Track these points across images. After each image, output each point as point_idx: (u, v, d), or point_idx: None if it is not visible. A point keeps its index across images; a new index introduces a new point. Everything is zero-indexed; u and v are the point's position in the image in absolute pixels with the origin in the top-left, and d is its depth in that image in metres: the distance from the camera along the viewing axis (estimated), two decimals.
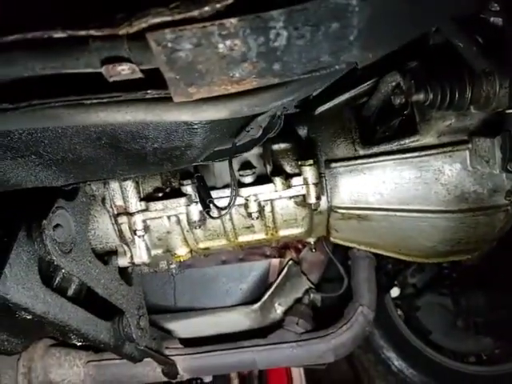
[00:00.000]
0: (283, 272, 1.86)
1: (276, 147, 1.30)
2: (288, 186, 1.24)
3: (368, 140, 1.27)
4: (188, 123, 0.80)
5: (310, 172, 1.22)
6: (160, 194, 1.28)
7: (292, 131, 1.33)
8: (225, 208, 1.17)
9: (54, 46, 0.53)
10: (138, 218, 1.24)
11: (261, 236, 1.37)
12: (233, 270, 1.86)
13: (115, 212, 1.25)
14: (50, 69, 0.54)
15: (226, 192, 1.24)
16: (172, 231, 1.30)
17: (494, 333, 2.12)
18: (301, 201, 1.28)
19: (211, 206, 1.17)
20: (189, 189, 1.23)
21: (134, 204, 1.24)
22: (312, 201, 1.24)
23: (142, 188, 1.28)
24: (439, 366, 2.17)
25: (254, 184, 1.24)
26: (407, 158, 1.20)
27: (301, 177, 1.23)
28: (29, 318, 1.07)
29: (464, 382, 2.15)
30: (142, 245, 1.30)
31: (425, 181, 1.20)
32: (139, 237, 1.28)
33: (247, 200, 1.25)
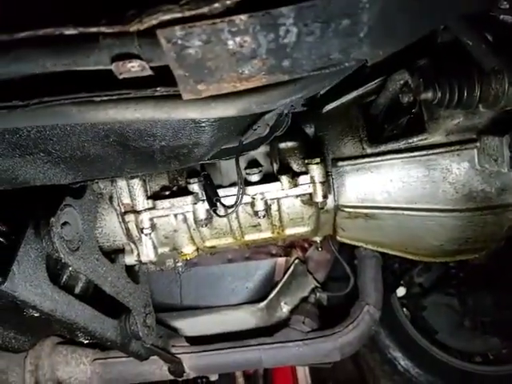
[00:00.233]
0: (289, 271, 1.86)
1: (283, 145, 1.30)
2: (295, 185, 1.23)
3: (375, 138, 1.27)
4: (195, 121, 0.80)
5: (316, 170, 1.22)
6: (167, 193, 1.28)
7: (299, 129, 1.33)
8: (231, 206, 1.17)
9: (64, 43, 0.53)
10: (145, 216, 1.25)
11: (267, 234, 1.37)
12: (239, 268, 1.85)
13: (122, 210, 1.26)
14: (60, 66, 0.55)
15: (233, 190, 1.24)
16: (178, 229, 1.30)
17: (501, 332, 2.10)
18: (307, 199, 1.27)
19: (218, 204, 1.17)
20: (195, 187, 1.24)
21: (141, 202, 1.24)
22: (319, 199, 1.24)
23: (148, 186, 1.28)
24: (445, 366, 2.16)
25: (261, 182, 1.24)
26: (415, 157, 1.19)
27: (308, 175, 1.23)
28: (36, 315, 1.08)
29: (471, 382, 2.13)
30: (149, 243, 1.31)
31: (433, 179, 1.19)
32: (146, 235, 1.28)
33: (254, 198, 1.24)
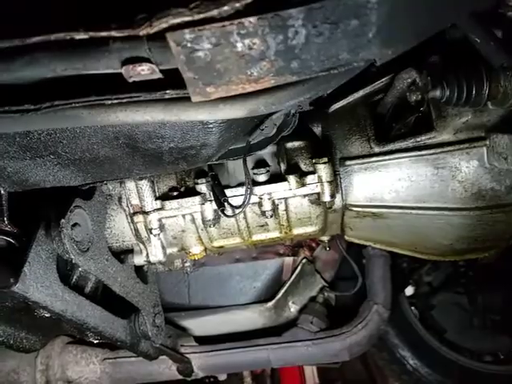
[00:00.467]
0: (297, 270, 1.86)
1: (290, 145, 1.30)
2: (302, 185, 1.23)
3: (383, 137, 1.26)
4: (203, 122, 0.80)
5: (324, 170, 1.22)
6: (175, 193, 1.28)
7: (306, 129, 1.32)
8: (239, 206, 1.17)
9: (75, 48, 0.53)
10: (154, 217, 1.25)
11: (275, 234, 1.37)
12: (246, 268, 1.86)
13: (131, 211, 1.27)
14: (71, 70, 0.55)
15: (240, 190, 1.24)
16: (187, 230, 1.31)
17: None
18: (315, 199, 1.27)
19: (226, 204, 1.18)
20: (203, 188, 1.24)
21: (150, 203, 1.25)
22: (326, 199, 1.23)
23: (157, 187, 1.29)
24: (455, 365, 2.15)
25: (268, 182, 1.24)
26: (423, 155, 1.19)
27: (315, 175, 1.23)
28: (47, 315, 1.09)
29: (481, 382, 2.12)
30: (158, 243, 1.31)
31: (441, 178, 1.18)
32: (155, 235, 1.29)
33: (261, 198, 1.24)
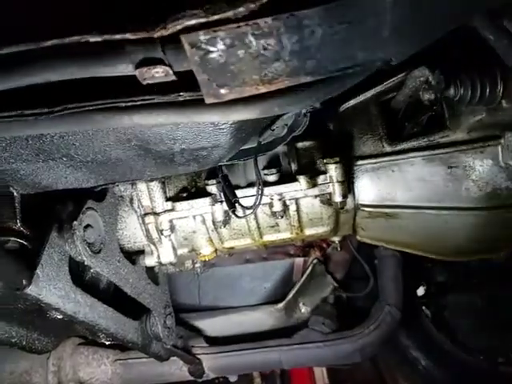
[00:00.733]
0: (307, 271, 1.85)
1: (301, 145, 1.29)
2: (313, 185, 1.22)
3: (396, 136, 1.25)
4: (215, 123, 0.80)
5: (335, 170, 1.21)
6: (185, 194, 1.28)
7: (317, 129, 1.31)
8: (250, 207, 1.17)
9: (89, 51, 0.53)
10: (165, 218, 1.25)
11: (286, 235, 1.36)
12: (257, 269, 1.85)
13: (142, 212, 1.26)
14: (85, 73, 0.55)
15: (251, 191, 1.24)
16: (197, 231, 1.31)
17: None
18: (326, 199, 1.26)
19: (236, 205, 1.17)
20: (214, 188, 1.24)
21: (161, 204, 1.25)
22: (338, 199, 1.22)
23: (167, 188, 1.29)
24: (467, 366, 2.12)
25: (279, 183, 1.23)
26: (437, 155, 1.17)
27: (326, 175, 1.22)
28: (59, 317, 1.09)
29: (493, 383, 2.10)
30: (169, 244, 1.31)
31: (455, 177, 1.17)
32: (165, 236, 1.29)
33: (272, 199, 1.24)
